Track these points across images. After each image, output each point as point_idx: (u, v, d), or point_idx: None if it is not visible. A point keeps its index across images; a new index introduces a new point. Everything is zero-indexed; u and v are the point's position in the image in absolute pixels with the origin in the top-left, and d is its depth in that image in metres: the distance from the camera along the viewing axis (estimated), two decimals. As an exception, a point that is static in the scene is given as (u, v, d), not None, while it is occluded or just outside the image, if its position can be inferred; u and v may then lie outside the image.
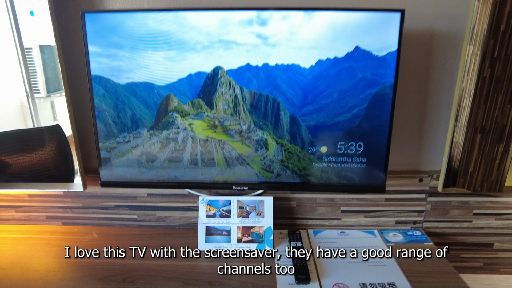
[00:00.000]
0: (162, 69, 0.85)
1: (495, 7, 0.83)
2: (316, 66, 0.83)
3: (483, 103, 0.91)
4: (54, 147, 1.27)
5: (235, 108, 0.87)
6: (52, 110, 1.34)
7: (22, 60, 1.18)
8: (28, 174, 1.20)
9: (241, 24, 0.81)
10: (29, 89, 1.24)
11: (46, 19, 0.97)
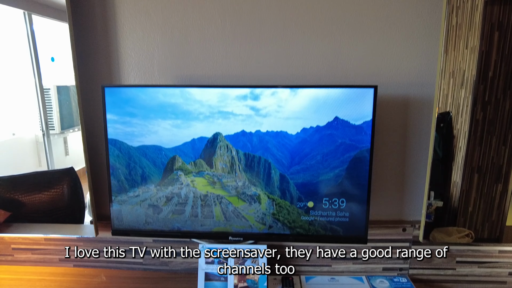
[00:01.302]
0: (170, 135, 0.99)
1: (481, 56, 0.92)
2: (301, 133, 0.96)
3: (478, 144, 0.95)
4: (67, 188, 1.39)
5: (232, 167, 1.00)
6: (65, 145, 1.48)
7: (40, 99, 1.34)
8: (41, 213, 1.32)
9: (237, 99, 0.96)
10: (45, 127, 1.39)
11: (65, 64, 1.12)
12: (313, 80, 1.05)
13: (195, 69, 1.08)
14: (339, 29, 1.02)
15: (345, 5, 1.01)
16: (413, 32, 1.02)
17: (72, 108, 1.45)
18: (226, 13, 1.04)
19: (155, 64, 1.08)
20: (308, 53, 1.04)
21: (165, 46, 1.07)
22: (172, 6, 1.04)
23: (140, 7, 1.06)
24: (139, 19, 1.06)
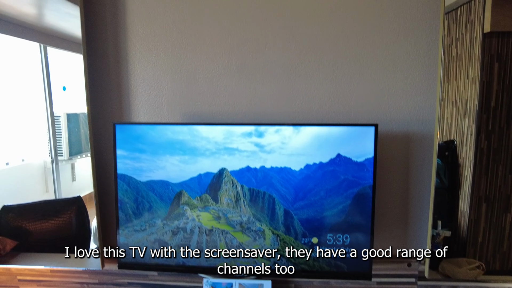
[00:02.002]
0: (177, 170, 1.02)
1: (483, 86, 0.93)
2: (305, 169, 0.98)
3: (484, 173, 0.95)
4: (74, 217, 1.41)
5: (237, 202, 1.02)
6: (72, 171, 1.51)
7: (51, 126, 1.39)
8: (47, 242, 1.33)
9: (243, 136, 0.99)
10: (54, 154, 1.43)
11: (75, 93, 1.17)
12: (315, 117, 1.09)
13: (202, 106, 1.12)
14: (340, 69, 1.07)
15: (346, 47, 1.06)
16: (411, 70, 1.06)
17: (81, 135, 1.50)
18: (232, 54, 1.09)
19: (164, 102, 1.13)
20: (310, 91, 1.09)
21: (174, 84, 1.12)
22: (181, 47, 1.10)
23: (151, 48, 1.12)
24: (150, 59, 1.12)
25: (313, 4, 1.05)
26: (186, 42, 1.10)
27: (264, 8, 1.06)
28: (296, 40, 1.07)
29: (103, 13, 1.11)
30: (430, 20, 1.02)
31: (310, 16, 1.05)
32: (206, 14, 1.08)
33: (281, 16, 1.06)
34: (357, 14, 1.04)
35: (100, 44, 1.13)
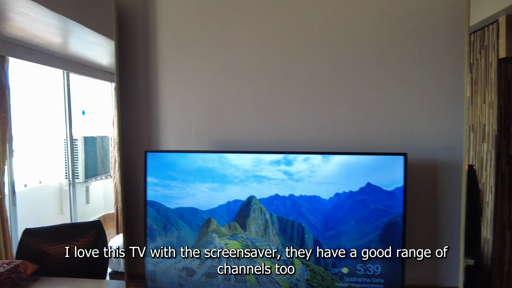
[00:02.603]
0: (206, 197, 1.03)
1: (501, 111, 0.92)
2: (334, 197, 0.98)
3: (507, 199, 0.92)
4: (93, 241, 1.42)
5: (266, 230, 1.02)
6: (86, 193, 1.53)
7: (69, 149, 1.42)
8: (65, 266, 1.33)
9: (271, 164, 1.00)
10: (72, 176, 1.45)
11: (93, 117, 1.20)
12: (341, 145, 1.10)
13: (229, 134, 1.15)
14: (365, 97, 1.09)
15: (370, 76, 1.08)
16: (436, 97, 1.07)
17: (97, 157, 1.53)
18: (259, 84, 1.12)
19: (192, 130, 1.16)
20: (336, 120, 1.10)
21: (202, 113, 1.15)
22: (209, 77, 1.14)
23: (180, 78, 1.16)
24: (179, 89, 1.16)
25: (338, 35, 1.08)
26: (214, 72, 1.14)
27: (290, 39, 1.10)
28: (322, 69, 1.10)
29: (135, 45, 1.16)
30: (452, 47, 1.04)
31: (335, 47, 1.09)
32: (234, 46, 1.12)
33: (307, 47, 1.09)
34: (381, 44, 1.07)
35: (132, 74, 1.17)
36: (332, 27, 1.08)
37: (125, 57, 1.17)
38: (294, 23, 1.09)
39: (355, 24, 1.07)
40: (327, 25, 1.08)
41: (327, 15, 1.08)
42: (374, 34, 1.07)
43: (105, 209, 1.59)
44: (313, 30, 1.09)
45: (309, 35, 1.09)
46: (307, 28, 1.09)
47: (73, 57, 1.44)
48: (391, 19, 1.06)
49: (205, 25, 1.13)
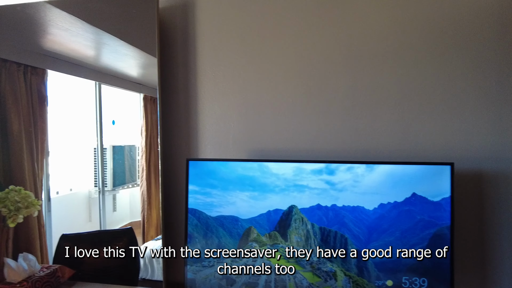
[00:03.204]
0: (246, 206, 1.03)
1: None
2: (378, 208, 0.96)
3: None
4: (125, 248, 1.43)
5: (307, 241, 1.01)
6: (113, 201, 1.55)
7: (99, 158, 1.45)
8: (98, 272, 1.35)
9: (313, 173, 1.00)
10: (101, 184, 1.48)
11: (122, 126, 1.22)
12: (384, 154, 1.08)
13: (267, 143, 1.15)
14: (407, 106, 1.07)
15: (412, 85, 1.07)
16: (481, 106, 1.04)
17: (125, 166, 1.56)
18: (298, 92, 1.13)
19: (230, 138, 1.17)
20: (378, 128, 1.09)
21: (240, 122, 1.16)
22: (247, 87, 1.16)
23: (219, 88, 1.18)
24: (218, 98, 1.18)
25: (379, 43, 1.08)
26: (252, 82, 1.15)
27: (329, 48, 1.10)
28: (361, 78, 1.09)
29: (175, 58, 1.20)
30: (499, 55, 1.02)
31: (375, 55, 1.08)
32: (271, 55, 1.14)
33: (346, 55, 1.09)
34: (424, 52, 1.06)
35: (172, 85, 1.20)
36: (373, 34, 1.08)
37: (165, 69, 1.20)
38: (333, 31, 1.10)
39: (396, 31, 1.06)
40: (367, 32, 1.08)
41: (367, 22, 1.08)
42: (417, 42, 1.06)
43: (131, 217, 1.61)
44: (353, 38, 1.09)
45: (348, 43, 1.09)
46: (346, 36, 1.09)
47: (105, 69, 1.49)
48: (434, 27, 1.05)
49: (243, 36, 1.15)
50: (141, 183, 1.53)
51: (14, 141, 1.41)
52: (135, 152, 1.57)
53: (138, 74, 1.44)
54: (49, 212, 1.48)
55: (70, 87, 1.51)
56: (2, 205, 1.31)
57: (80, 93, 1.52)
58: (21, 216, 1.32)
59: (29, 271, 1.31)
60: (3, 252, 1.36)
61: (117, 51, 1.42)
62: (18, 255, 1.35)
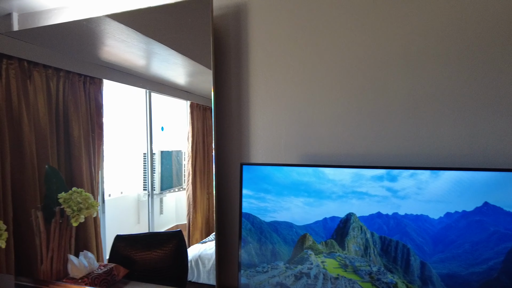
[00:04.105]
0: (301, 212, 1.01)
1: None
2: (444, 217, 0.90)
3: None
4: (174, 250, 1.46)
5: (366, 250, 0.96)
6: (160, 205, 1.59)
7: (149, 163, 1.50)
8: (149, 272, 1.38)
9: (373, 179, 0.96)
10: (150, 188, 1.52)
11: (170, 132, 1.25)
12: (448, 160, 1.02)
13: (321, 148, 1.13)
14: (476, 107, 1.00)
15: (480, 83, 1.00)
16: None
17: (172, 171, 1.59)
18: (353, 96, 1.10)
19: (282, 143, 1.16)
20: (441, 133, 1.03)
21: (292, 127, 1.15)
22: (300, 91, 1.14)
23: (271, 93, 1.18)
24: (270, 103, 1.18)
25: (440, 43, 1.02)
26: (305, 85, 1.14)
27: (386, 49, 1.06)
28: (422, 79, 1.04)
29: (227, 65, 1.22)
30: None
31: (436, 56, 1.03)
32: (325, 58, 1.12)
33: (405, 57, 1.05)
34: (489, 53, 0.99)
35: (224, 90, 1.22)
36: (433, 34, 1.02)
37: (218, 76, 1.22)
38: (390, 31, 1.06)
39: (460, 30, 1.00)
40: (428, 32, 1.03)
41: (427, 20, 1.03)
42: (482, 42, 0.99)
43: (177, 220, 1.65)
44: (412, 39, 1.04)
45: (407, 45, 1.05)
46: (405, 37, 1.05)
47: (155, 78, 1.55)
48: (501, 25, 0.97)
49: (296, 39, 1.15)
50: (187, 187, 1.56)
51: (75, 146, 1.51)
52: (182, 157, 1.62)
53: (186, 82, 1.48)
54: (103, 213, 1.55)
55: (123, 95, 1.59)
56: (66, 205, 1.40)
57: (132, 100, 1.59)
58: (82, 216, 1.40)
59: (89, 268, 1.39)
60: (66, 249, 1.45)
61: (167, 60, 1.47)
62: (79, 252, 1.43)
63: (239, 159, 1.20)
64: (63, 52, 1.51)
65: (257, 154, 1.19)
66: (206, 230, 1.39)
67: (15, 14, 1.57)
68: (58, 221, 1.44)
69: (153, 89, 1.56)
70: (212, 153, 1.18)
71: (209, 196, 1.33)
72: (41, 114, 1.53)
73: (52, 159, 1.53)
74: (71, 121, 1.51)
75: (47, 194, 1.49)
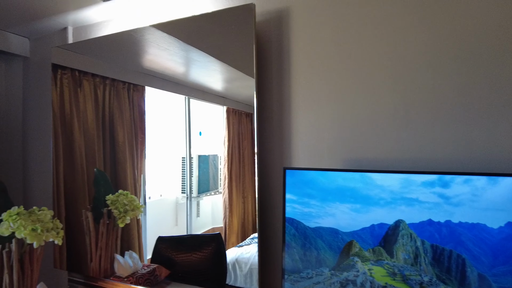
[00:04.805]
0: (347, 218, 0.99)
1: None
2: (505, 227, 0.85)
3: None
4: (214, 253, 1.48)
5: (416, 259, 0.93)
6: (197, 208, 1.61)
7: (188, 167, 1.53)
8: (188, 274, 1.41)
9: (423, 185, 0.92)
10: (189, 191, 1.56)
11: (207, 137, 1.27)
12: (504, 165, 0.96)
13: (365, 152, 1.10)
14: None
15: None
16: None
17: (209, 175, 1.62)
18: (399, 99, 1.07)
19: (324, 148, 1.15)
20: (496, 135, 0.97)
21: (335, 130, 1.14)
22: (343, 94, 1.13)
23: (313, 98, 1.17)
24: (312, 108, 1.17)
25: (493, 44, 0.97)
26: (349, 88, 1.12)
27: (435, 51, 1.02)
28: (474, 80, 0.99)
29: (269, 69, 1.23)
30: None
31: (490, 58, 0.97)
32: (369, 60, 1.10)
33: (455, 59, 1.00)
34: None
35: (266, 95, 1.23)
36: (488, 33, 0.97)
37: (260, 80, 1.24)
38: (443, 31, 1.02)
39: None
40: (482, 32, 0.98)
41: (481, 21, 0.98)
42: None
43: (213, 223, 1.67)
44: (465, 39, 1.00)
45: (457, 46, 1.00)
46: (458, 37, 1.00)
47: (193, 84, 1.59)
48: None
49: (339, 42, 1.14)
50: (223, 191, 1.59)
51: (119, 150, 1.58)
52: (218, 161, 1.65)
53: (222, 88, 1.51)
54: (145, 215, 1.61)
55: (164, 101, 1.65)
56: (113, 207, 1.47)
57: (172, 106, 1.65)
58: (128, 218, 1.47)
59: (134, 267, 1.44)
60: (113, 248, 1.52)
61: (206, 67, 1.51)
62: (125, 252, 1.49)
63: (281, 163, 1.21)
64: (109, 61, 1.60)
65: (299, 159, 1.18)
66: (242, 234, 1.40)
67: (70, 28, 1.69)
68: (106, 221, 1.52)
69: (192, 95, 1.61)
70: (251, 157, 1.20)
71: (245, 200, 1.34)
72: (90, 120, 1.62)
73: (99, 163, 1.61)
74: (116, 127, 1.59)
75: (96, 196, 1.58)
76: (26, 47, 1.82)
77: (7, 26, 1.67)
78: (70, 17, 1.60)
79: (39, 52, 1.81)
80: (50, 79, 1.69)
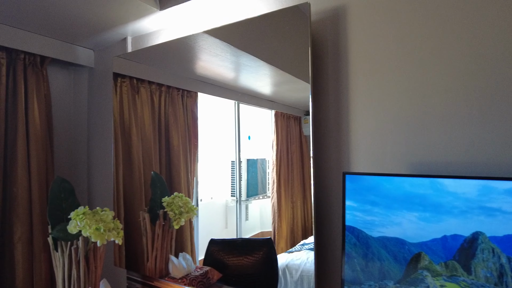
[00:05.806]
0: (415, 228, 0.91)
1: None
2: None
3: None
4: (265, 258, 1.46)
5: (501, 278, 0.82)
6: (246, 211, 1.59)
7: (237, 171, 1.52)
8: (240, 277, 1.39)
9: (507, 193, 0.82)
10: (239, 195, 1.54)
11: (256, 141, 1.24)
12: None
13: (434, 156, 1.01)
14: None
15: None
16: None
17: (258, 179, 1.59)
18: (473, 99, 0.96)
19: (387, 151, 1.08)
20: None
21: (399, 133, 1.06)
22: (407, 94, 1.05)
23: (373, 98, 1.11)
24: (372, 110, 1.11)
25: None
26: (413, 88, 1.04)
27: None
28: None
29: (325, 70, 1.18)
30: None
31: None
32: (436, 57, 1.01)
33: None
34: None
35: (322, 98, 1.19)
36: None
37: (315, 83, 1.20)
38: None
39: None
40: None
41: None
42: None
43: (261, 227, 1.65)
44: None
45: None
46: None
47: (243, 89, 1.59)
48: None
49: (402, 39, 1.06)
50: (271, 195, 1.56)
51: (174, 154, 1.63)
52: (266, 165, 1.63)
53: (271, 92, 1.49)
54: (197, 217, 1.64)
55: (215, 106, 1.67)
56: (169, 208, 1.52)
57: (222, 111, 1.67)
58: (183, 220, 1.50)
59: (187, 269, 1.47)
60: (168, 250, 1.57)
61: (256, 72, 1.51)
62: (179, 254, 1.53)
63: (338, 168, 1.15)
64: (164, 68, 1.67)
65: (358, 163, 1.12)
66: (291, 239, 1.36)
67: (129, 38, 1.79)
68: (161, 223, 1.57)
69: (241, 100, 1.61)
70: (300, 162, 1.16)
71: (294, 205, 1.30)
72: (147, 125, 1.70)
73: (155, 166, 1.68)
74: (171, 132, 1.65)
75: (153, 197, 1.64)
76: (91, 58, 1.96)
77: (75, 40, 1.82)
78: (129, 28, 1.69)
79: (102, 62, 1.95)
80: (111, 87, 1.81)
